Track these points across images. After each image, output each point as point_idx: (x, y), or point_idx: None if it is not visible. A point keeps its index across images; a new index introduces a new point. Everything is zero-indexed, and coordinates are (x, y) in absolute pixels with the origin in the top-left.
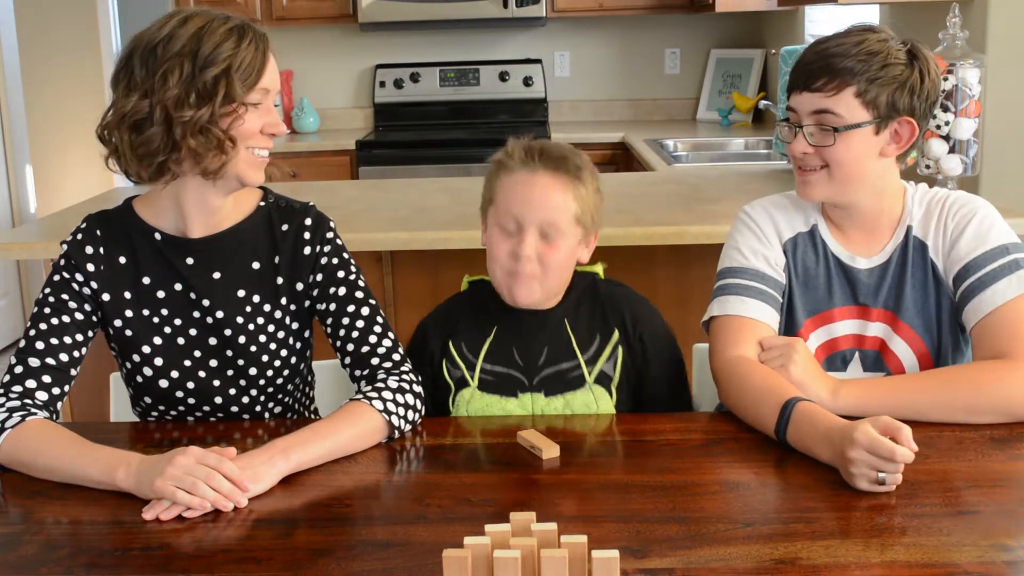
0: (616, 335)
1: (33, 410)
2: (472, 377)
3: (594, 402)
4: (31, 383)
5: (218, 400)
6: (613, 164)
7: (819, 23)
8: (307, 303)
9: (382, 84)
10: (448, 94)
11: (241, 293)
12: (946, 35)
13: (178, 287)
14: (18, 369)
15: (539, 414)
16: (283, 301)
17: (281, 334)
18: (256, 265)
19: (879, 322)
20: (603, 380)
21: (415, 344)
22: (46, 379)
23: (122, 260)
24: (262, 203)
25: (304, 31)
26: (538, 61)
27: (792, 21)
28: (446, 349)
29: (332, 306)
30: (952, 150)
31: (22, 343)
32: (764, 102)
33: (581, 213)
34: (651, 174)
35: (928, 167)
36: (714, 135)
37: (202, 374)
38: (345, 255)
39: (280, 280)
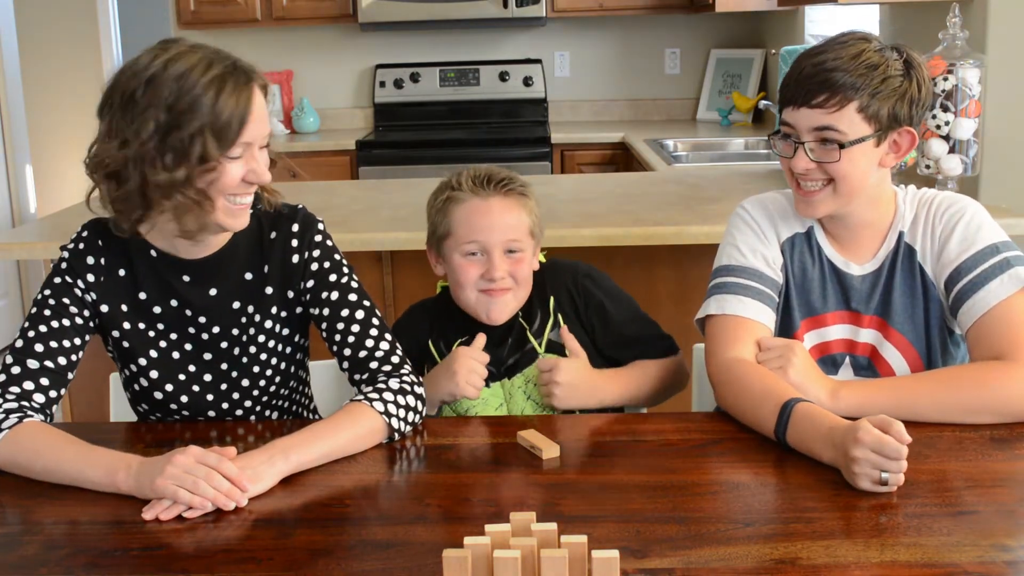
0: (552, 302)
1: (30, 412)
2: None
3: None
4: (29, 385)
5: (212, 413)
6: (613, 164)
7: (819, 23)
8: (299, 309)
9: (382, 84)
10: (448, 94)
11: (235, 305)
12: (946, 35)
13: (174, 303)
14: (15, 370)
15: (509, 398)
16: (274, 310)
17: (272, 343)
18: (248, 276)
19: (870, 328)
20: (554, 348)
21: (402, 328)
22: (44, 382)
23: (121, 273)
24: (250, 210)
25: (304, 31)
26: (538, 61)
27: (792, 21)
28: (427, 349)
29: (326, 311)
30: (952, 150)
31: (19, 343)
32: (764, 102)
33: (533, 225)
34: (651, 174)
35: (928, 167)
36: (714, 135)
37: (196, 388)
38: (336, 256)
39: (270, 290)
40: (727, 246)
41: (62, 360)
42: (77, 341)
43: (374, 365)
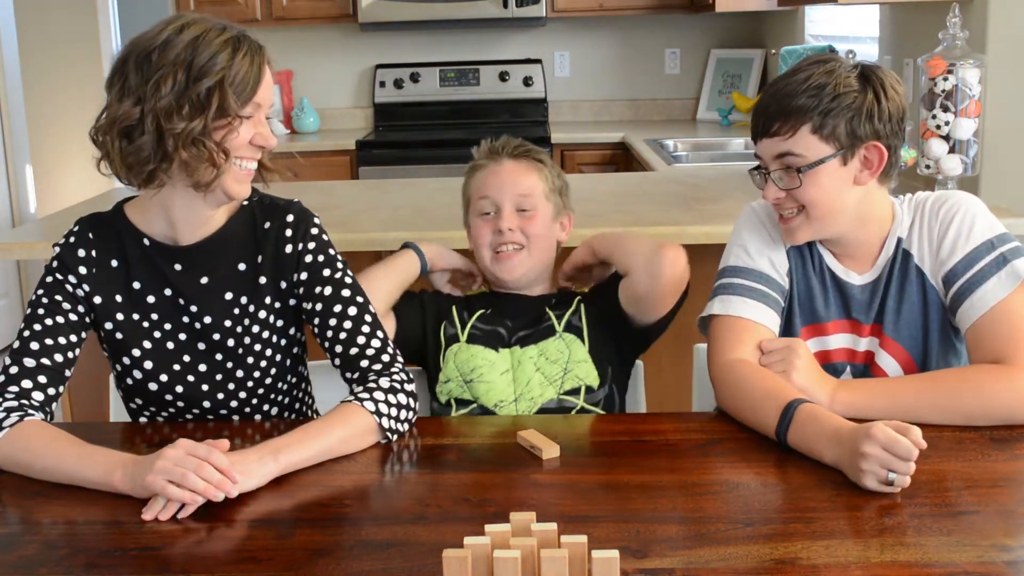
0: (578, 298)
1: (30, 411)
2: (462, 334)
3: (566, 347)
4: (27, 383)
5: (207, 404)
6: (613, 164)
7: (819, 23)
8: (292, 302)
9: (382, 84)
10: (448, 94)
11: (228, 296)
12: (946, 35)
13: (167, 292)
14: (13, 370)
15: (518, 365)
16: (267, 300)
17: (266, 334)
18: (242, 267)
19: (869, 336)
20: (572, 329)
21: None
22: (42, 379)
23: (114, 264)
24: (245, 202)
25: (304, 31)
26: (538, 61)
27: (792, 21)
28: (448, 311)
29: (318, 306)
30: (952, 150)
31: (16, 344)
32: None
33: (549, 190)
34: (651, 174)
35: (928, 167)
36: (714, 135)
37: (191, 378)
38: (331, 252)
39: (263, 280)
40: (734, 246)
41: (59, 357)
42: (73, 338)
43: (364, 363)
